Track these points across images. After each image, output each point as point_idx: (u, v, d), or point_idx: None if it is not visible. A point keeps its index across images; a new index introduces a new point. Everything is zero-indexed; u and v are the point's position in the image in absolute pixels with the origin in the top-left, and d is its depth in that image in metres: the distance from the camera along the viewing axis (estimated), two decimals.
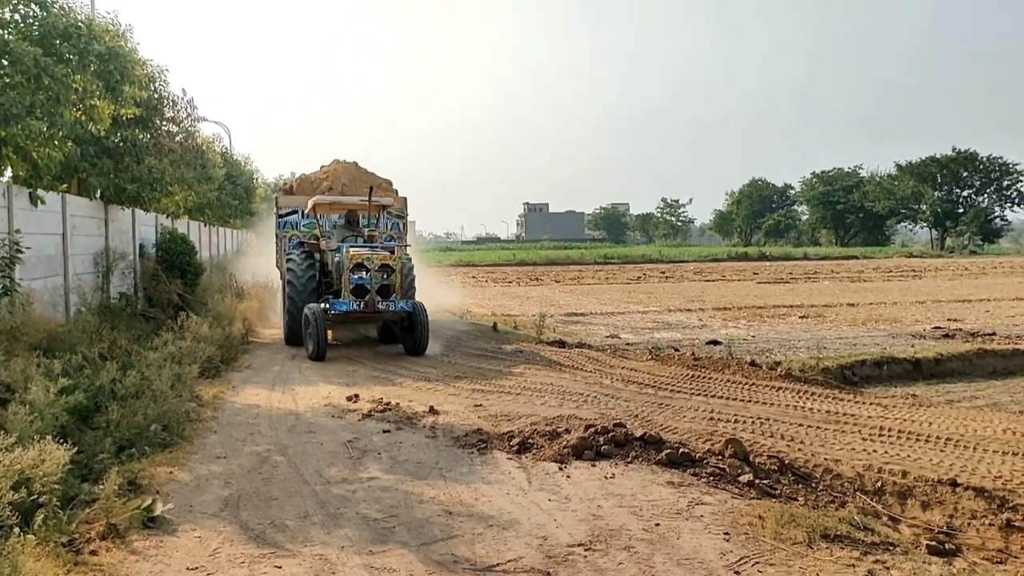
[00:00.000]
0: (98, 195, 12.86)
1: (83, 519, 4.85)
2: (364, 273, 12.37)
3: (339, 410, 8.48)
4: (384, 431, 7.51)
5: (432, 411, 8.25)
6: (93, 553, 4.52)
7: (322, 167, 17.90)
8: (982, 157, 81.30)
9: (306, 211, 15.20)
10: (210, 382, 9.83)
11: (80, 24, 10.43)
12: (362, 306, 12.28)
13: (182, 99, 14.55)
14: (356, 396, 9.06)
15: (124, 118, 12.03)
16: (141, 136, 13.14)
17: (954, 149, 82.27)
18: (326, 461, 6.53)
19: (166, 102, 13.99)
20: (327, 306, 12.36)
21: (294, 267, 13.56)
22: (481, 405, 8.69)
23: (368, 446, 6.99)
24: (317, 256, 13.94)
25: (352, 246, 13.11)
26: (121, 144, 12.67)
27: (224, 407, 8.60)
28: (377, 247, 13.30)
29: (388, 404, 8.53)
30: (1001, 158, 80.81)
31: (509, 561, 4.52)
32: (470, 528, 5.02)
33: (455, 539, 4.83)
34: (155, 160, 13.21)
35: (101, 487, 5.19)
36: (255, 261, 21.32)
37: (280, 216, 15.91)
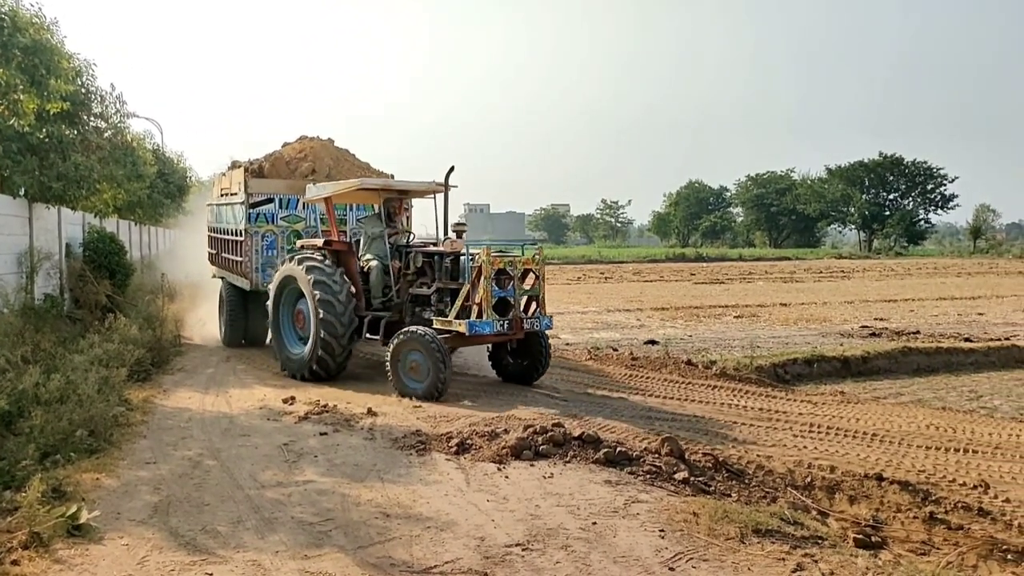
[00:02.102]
0: (22, 193, 12.38)
1: (4, 528, 4.67)
2: (506, 282, 9.46)
3: (275, 413, 8.34)
4: (321, 433, 7.41)
5: (370, 413, 8.18)
6: (15, 563, 4.35)
7: (287, 144, 14.39)
8: (907, 161, 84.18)
9: (309, 199, 11.64)
10: (140, 385, 9.56)
11: (3, 16, 10.04)
12: (506, 326, 9.31)
13: (111, 94, 14.11)
14: (292, 398, 8.92)
15: (49, 113, 11.62)
16: (67, 132, 12.68)
17: (881, 153, 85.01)
18: (261, 465, 6.41)
19: (94, 97, 13.54)
20: (463, 327, 9.14)
21: (327, 279, 10.08)
22: (420, 406, 8.64)
23: (304, 449, 6.89)
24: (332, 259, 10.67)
25: (473, 244, 10.21)
26: (46, 140, 12.21)
27: (154, 411, 8.37)
28: (466, 244, 10.32)
29: (325, 406, 8.42)
30: (925, 163, 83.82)
31: (446, 563, 4.50)
32: (407, 530, 4.99)
33: (392, 541, 4.79)
34: (82, 157, 12.77)
35: (23, 495, 5.01)
36: (189, 261, 20.82)
37: (251, 206, 12.49)
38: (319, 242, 10.80)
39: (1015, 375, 12.43)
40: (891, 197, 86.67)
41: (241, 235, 12.56)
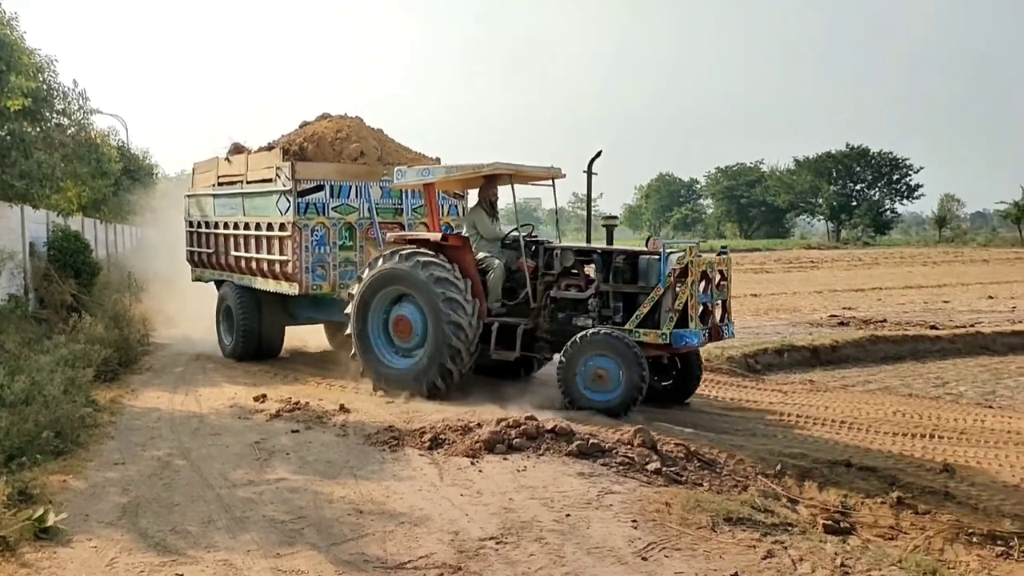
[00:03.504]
0: None
1: None
2: (705, 286, 8.33)
3: (246, 411, 8.27)
4: (293, 431, 7.35)
5: (343, 409, 8.13)
6: None
7: (306, 123, 12.03)
8: (874, 152, 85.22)
9: (405, 185, 9.99)
10: (107, 386, 9.43)
11: None
12: (707, 335, 8.31)
13: (73, 90, 13.88)
14: (263, 396, 8.85)
15: (10, 110, 11.40)
16: (29, 129, 12.46)
17: (848, 145, 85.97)
18: (232, 464, 6.35)
19: (56, 94, 13.31)
20: (667, 337, 7.93)
21: (450, 276, 8.62)
22: (393, 402, 8.61)
23: (276, 447, 6.84)
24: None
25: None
26: (8, 138, 11.99)
27: (122, 411, 8.26)
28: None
29: (297, 403, 8.35)
30: (891, 153, 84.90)
31: (420, 558, 4.50)
32: (381, 526, 4.97)
33: (365, 538, 4.78)
34: (45, 155, 12.56)
35: None
36: (157, 259, 20.54)
37: (301, 193, 10.35)
38: (435, 236, 9.06)
39: (980, 362, 12.65)
40: (858, 188, 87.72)
41: (283, 229, 10.45)
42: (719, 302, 8.60)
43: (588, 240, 9.58)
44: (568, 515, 5.17)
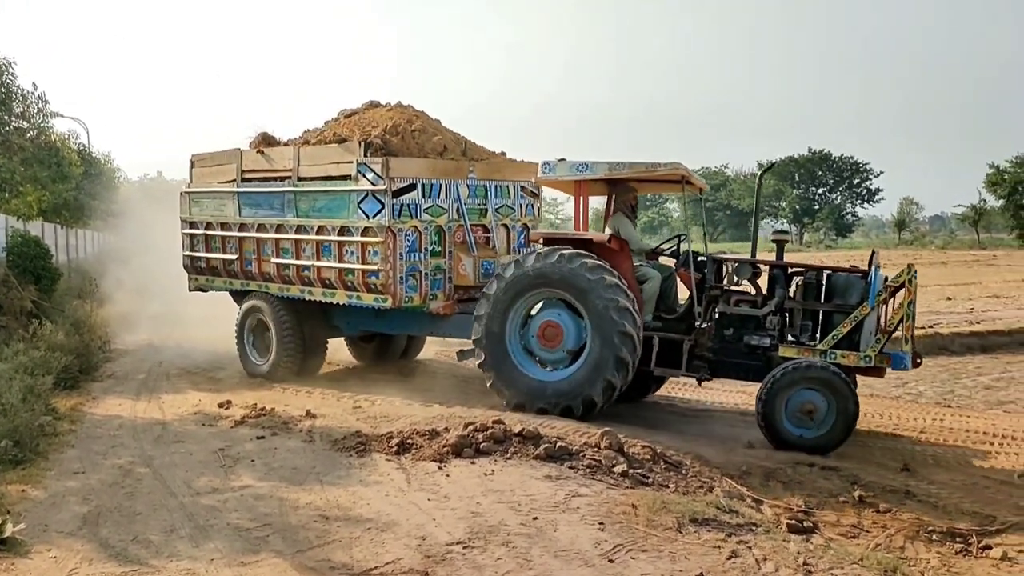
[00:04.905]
0: None
1: None
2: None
3: (210, 417, 8.18)
4: (258, 437, 7.29)
5: (309, 415, 8.07)
6: None
7: (350, 113, 10.64)
8: (835, 157, 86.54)
9: (560, 179, 8.73)
10: (67, 393, 9.26)
11: None
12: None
13: (32, 94, 13.64)
14: (228, 402, 8.75)
15: None
16: None
17: (810, 149, 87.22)
18: (195, 471, 6.27)
19: (15, 97, 13.07)
20: (865, 360, 7.44)
21: (619, 282, 7.86)
22: (360, 407, 8.57)
23: (241, 454, 6.77)
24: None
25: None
26: None
27: (83, 419, 8.13)
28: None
29: (263, 409, 8.28)
30: (852, 158, 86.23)
31: (387, 563, 4.48)
32: (347, 532, 4.95)
33: (331, 544, 4.75)
34: (4, 159, 12.35)
35: None
36: (120, 264, 20.22)
37: (395, 194, 9.03)
38: (601, 237, 8.29)
39: (939, 362, 12.85)
40: (820, 192, 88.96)
41: (370, 234, 9.12)
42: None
43: (753, 253, 8.82)
44: (535, 518, 5.18)
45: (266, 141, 10.74)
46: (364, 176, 9.16)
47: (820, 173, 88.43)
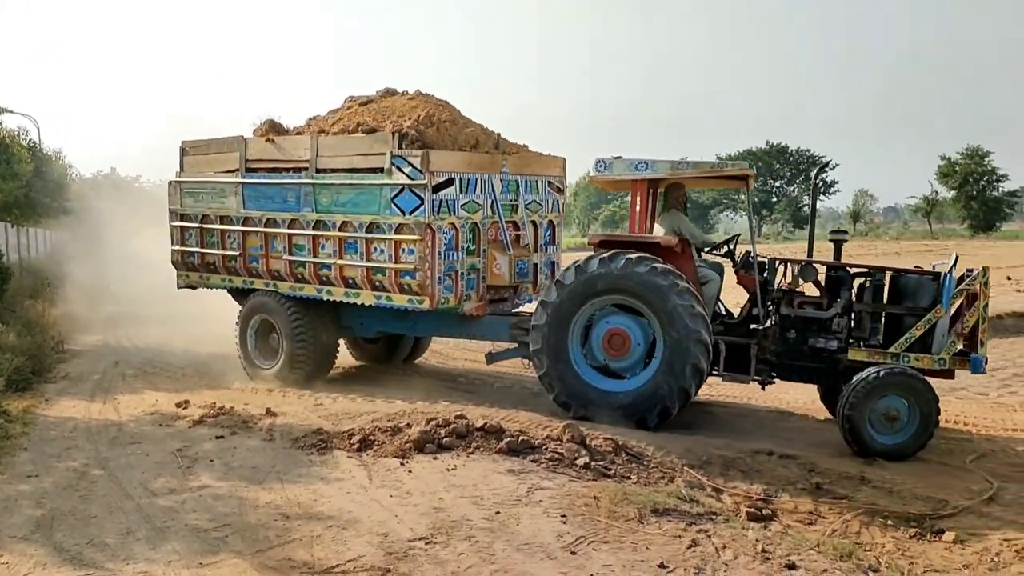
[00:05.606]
0: None
1: None
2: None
3: (167, 418, 8.04)
4: (217, 437, 7.18)
5: (269, 413, 7.98)
6: None
7: (360, 103, 9.98)
8: (792, 150, 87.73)
9: (605, 180, 8.32)
10: (19, 395, 9.03)
11: None
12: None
13: None
14: (186, 402, 8.60)
15: None
16: None
17: (767, 143, 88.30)
18: (152, 472, 6.17)
19: None
20: (939, 363, 7.35)
21: (691, 287, 7.61)
22: (322, 404, 8.49)
23: (199, 454, 6.67)
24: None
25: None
26: None
27: (36, 422, 7.94)
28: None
29: (222, 408, 8.15)
30: (808, 151, 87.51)
31: (348, 561, 4.46)
32: (308, 530, 4.91)
33: (292, 543, 4.71)
34: None
35: None
36: (73, 263, 19.78)
37: (434, 189, 8.48)
38: (670, 240, 7.93)
39: None
40: (777, 184, 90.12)
41: (405, 231, 8.57)
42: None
43: (810, 254, 8.52)
44: (498, 512, 5.19)
45: (274, 129, 10.06)
46: (400, 169, 8.55)
47: (778, 166, 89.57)
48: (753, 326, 7.98)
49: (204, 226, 10.30)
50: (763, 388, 8.33)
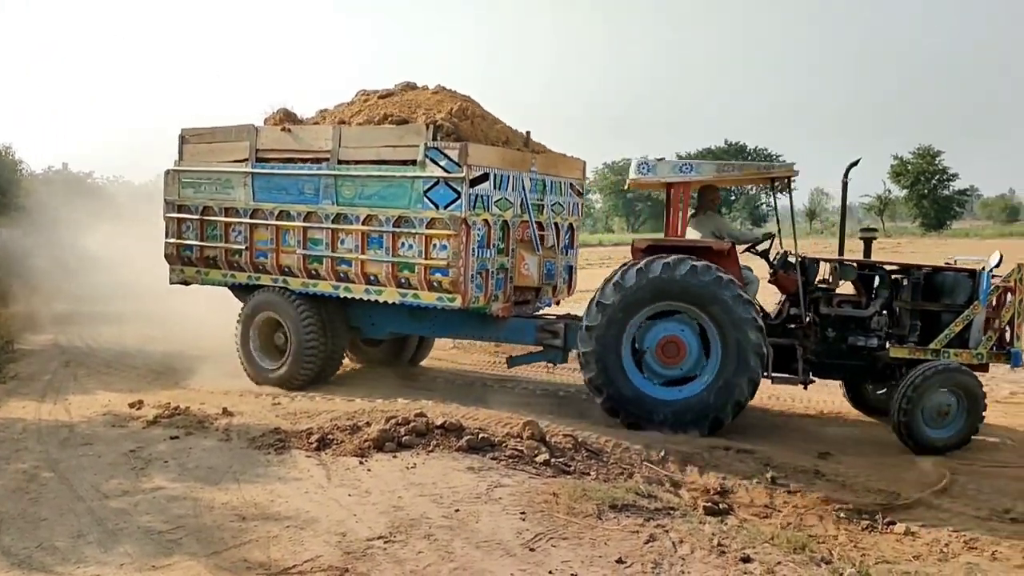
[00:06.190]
0: None
1: None
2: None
3: (121, 418, 7.88)
4: (172, 437, 7.06)
5: (226, 412, 7.86)
6: None
7: (388, 94, 9.52)
8: (750, 148, 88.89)
9: (647, 181, 8.25)
10: None
11: None
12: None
13: None
14: (140, 402, 8.44)
15: None
16: None
17: (726, 141, 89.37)
18: (105, 474, 6.05)
19: None
20: (978, 357, 7.52)
21: (746, 293, 7.57)
22: (280, 403, 8.39)
23: (153, 455, 6.55)
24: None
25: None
26: None
27: None
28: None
29: (177, 409, 8.01)
30: (766, 150, 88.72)
31: (306, 561, 4.42)
32: (265, 531, 4.85)
33: (248, 544, 4.66)
34: None
35: None
36: (25, 261, 19.27)
37: (473, 182, 8.18)
38: (720, 243, 7.93)
39: None
40: None
41: (438, 226, 8.21)
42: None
43: (841, 252, 8.50)
44: (457, 510, 5.18)
45: (288, 118, 9.61)
46: (435, 162, 8.18)
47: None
48: (791, 326, 7.98)
49: (205, 218, 9.74)
50: (805, 388, 8.27)
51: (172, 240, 10.01)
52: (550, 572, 4.37)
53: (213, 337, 11.92)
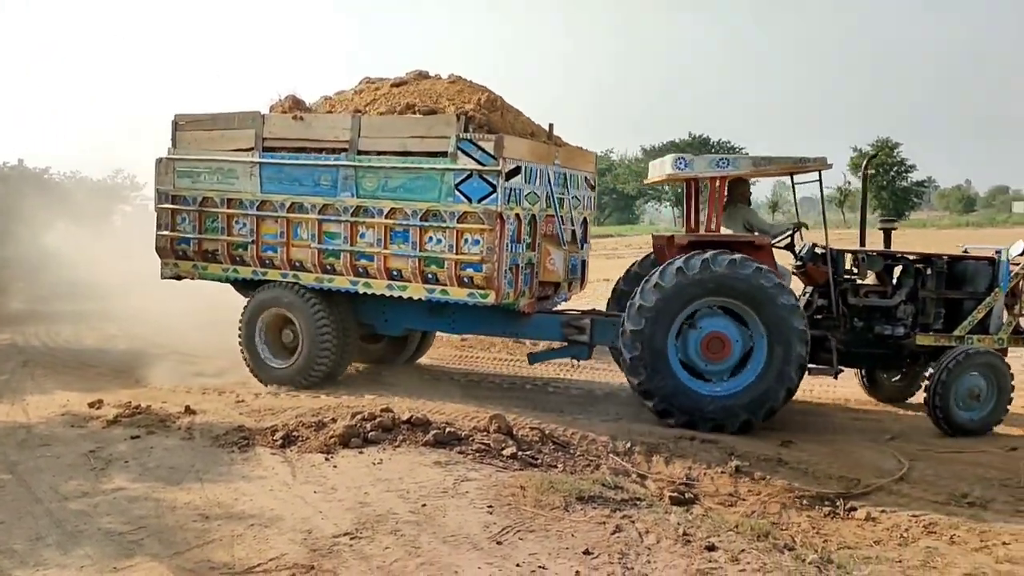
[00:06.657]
0: None
1: None
2: None
3: (80, 418, 7.72)
4: (133, 437, 6.93)
5: (189, 411, 7.73)
6: None
7: (400, 82, 9.14)
8: (714, 141, 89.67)
9: (683, 176, 8.26)
10: None
11: None
12: None
13: None
14: (100, 402, 8.27)
15: None
16: None
17: (690, 134, 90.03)
18: (64, 475, 5.93)
19: None
20: (999, 342, 7.84)
21: (801, 309, 7.60)
22: (243, 401, 8.29)
23: (114, 455, 6.43)
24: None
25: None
26: None
27: None
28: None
29: (138, 408, 7.86)
30: (730, 142, 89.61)
31: (270, 560, 4.38)
32: (229, 530, 4.80)
33: (211, 544, 4.60)
34: None
35: None
36: None
37: (508, 175, 7.93)
38: (762, 238, 8.07)
39: None
40: None
41: (469, 220, 7.96)
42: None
43: (862, 243, 8.63)
44: (424, 505, 5.17)
45: (297, 105, 9.19)
46: (468, 154, 7.90)
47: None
48: (818, 317, 8.11)
49: (204, 210, 9.22)
50: (835, 378, 8.27)
51: (165, 233, 9.42)
52: (517, 565, 4.38)
53: (174, 334, 11.77)
